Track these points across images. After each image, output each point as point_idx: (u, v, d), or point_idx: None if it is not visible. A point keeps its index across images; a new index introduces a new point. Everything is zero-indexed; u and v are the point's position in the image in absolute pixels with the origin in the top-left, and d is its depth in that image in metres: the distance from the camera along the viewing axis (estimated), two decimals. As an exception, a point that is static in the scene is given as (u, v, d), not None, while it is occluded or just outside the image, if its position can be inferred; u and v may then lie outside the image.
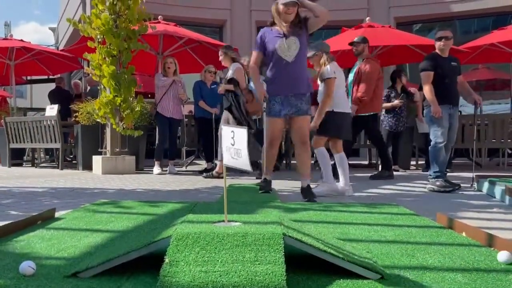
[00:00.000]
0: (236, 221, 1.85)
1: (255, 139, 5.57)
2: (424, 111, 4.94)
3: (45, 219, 2.73)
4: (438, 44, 4.81)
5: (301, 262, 1.78)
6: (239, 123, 5.39)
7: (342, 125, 4.42)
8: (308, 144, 4.00)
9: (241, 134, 1.76)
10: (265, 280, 1.42)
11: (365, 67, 5.82)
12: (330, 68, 4.27)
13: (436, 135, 4.69)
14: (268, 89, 4.06)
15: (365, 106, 5.82)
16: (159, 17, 7.94)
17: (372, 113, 5.94)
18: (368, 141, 7.62)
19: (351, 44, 6.09)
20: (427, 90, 4.70)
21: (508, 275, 1.69)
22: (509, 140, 7.32)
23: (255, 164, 5.76)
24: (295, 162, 7.89)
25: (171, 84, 6.60)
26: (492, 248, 2.08)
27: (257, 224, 1.78)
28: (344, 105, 4.45)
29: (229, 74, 5.67)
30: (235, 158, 1.80)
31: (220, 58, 5.83)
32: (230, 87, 5.52)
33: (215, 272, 1.46)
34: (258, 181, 4.80)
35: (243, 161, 1.76)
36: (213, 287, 1.40)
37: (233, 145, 1.79)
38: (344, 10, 11.20)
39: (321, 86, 4.35)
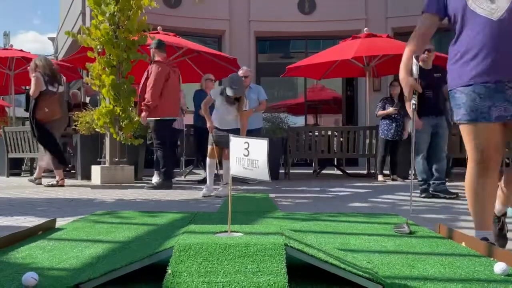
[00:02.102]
0: (237, 232, 1.87)
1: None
2: (409, 122, 5.11)
3: (46, 229, 2.73)
4: (421, 57, 4.96)
5: (302, 272, 1.79)
6: (32, 127, 6.03)
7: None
8: None
9: (260, 145, 1.83)
10: (268, 291, 1.43)
11: (150, 70, 5.80)
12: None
13: (417, 148, 4.91)
14: (459, 73, 2.33)
15: (154, 110, 5.73)
16: (158, 27, 8.00)
17: (165, 118, 5.83)
18: (366, 150, 7.65)
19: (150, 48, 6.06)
20: (407, 105, 4.86)
21: (508, 285, 1.70)
22: (506, 150, 7.35)
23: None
24: (293, 171, 7.88)
25: None
26: (492, 258, 2.10)
27: (259, 234, 1.79)
28: None
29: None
30: (249, 168, 1.85)
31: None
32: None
33: (217, 283, 1.47)
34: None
35: (260, 171, 1.82)
36: (216, 298, 1.41)
37: (246, 155, 1.85)
38: (342, 20, 11.29)
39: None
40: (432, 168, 5.00)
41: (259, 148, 1.83)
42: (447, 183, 5.23)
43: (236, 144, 1.90)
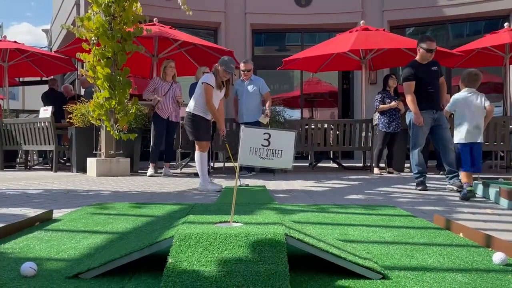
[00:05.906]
0: (237, 222, 1.86)
1: None
2: (406, 114, 5.15)
3: (43, 220, 2.71)
4: (426, 55, 4.94)
5: (302, 262, 1.79)
6: None
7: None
8: None
9: (288, 136, 1.94)
10: (269, 280, 1.43)
11: None
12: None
13: (415, 141, 4.93)
14: None
15: None
16: (154, 19, 7.93)
17: None
18: (362, 143, 7.66)
19: None
20: (410, 100, 4.94)
21: (507, 274, 1.71)
22: (501, 143, 7.38)
23: None
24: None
25: (170, 86, 6.64)
26: (490, 249, 2.11)
27: (259, 224, 1.78)
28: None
29: None
30: (268, 158, 1.94)
31: None
32: None
33: (218, 272, 1.46)
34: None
35: (283, 160, 1.93)
36: (217, 287, 1.40)
37: (266, 146, 1.93)
38: (338, 13, 11.26)
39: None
40: (443, 163, 5.02)
41: (286, 139, 1.93)
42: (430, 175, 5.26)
43: (251, 134, 1.92)
